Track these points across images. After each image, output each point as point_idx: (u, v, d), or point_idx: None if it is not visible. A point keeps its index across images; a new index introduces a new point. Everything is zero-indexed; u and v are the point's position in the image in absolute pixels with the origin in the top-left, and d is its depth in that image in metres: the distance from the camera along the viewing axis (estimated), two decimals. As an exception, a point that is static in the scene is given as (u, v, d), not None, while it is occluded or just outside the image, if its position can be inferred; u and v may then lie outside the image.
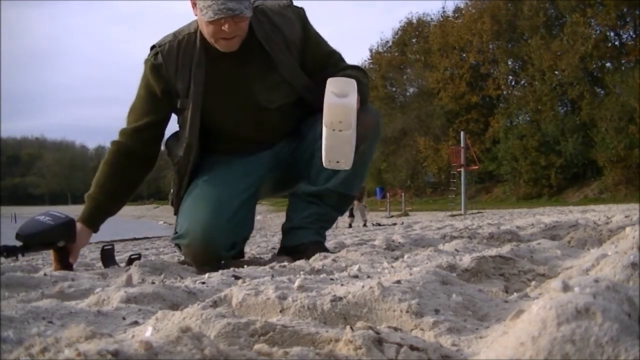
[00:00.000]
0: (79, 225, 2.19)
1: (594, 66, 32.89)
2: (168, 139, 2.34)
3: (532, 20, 33.64)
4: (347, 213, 14.67)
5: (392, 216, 21.46)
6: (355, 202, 14.31)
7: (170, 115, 2.28)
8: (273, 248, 3.39)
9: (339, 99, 1.82)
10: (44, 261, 3.71)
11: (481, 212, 19.11)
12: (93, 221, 2.25)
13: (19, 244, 2.12)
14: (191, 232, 2.08)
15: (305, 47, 2.21)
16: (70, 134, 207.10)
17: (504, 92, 37.04)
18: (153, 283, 1.39)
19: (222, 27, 2.01)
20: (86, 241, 2.27)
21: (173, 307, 1.07)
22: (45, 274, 1.71)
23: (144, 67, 2.22)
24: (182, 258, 2.27)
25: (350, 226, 13.38)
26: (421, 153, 37.73)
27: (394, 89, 44.09)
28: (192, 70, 2.15)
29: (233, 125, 2.25)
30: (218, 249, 2.08)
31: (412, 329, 0.80)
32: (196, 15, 2.08)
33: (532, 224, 3.85)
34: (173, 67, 2.15)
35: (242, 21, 2.02)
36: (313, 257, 1.93)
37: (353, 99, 1.84)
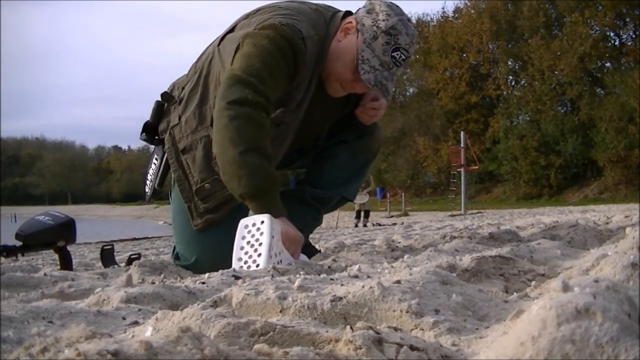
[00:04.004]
0: (282, 220, 1.72)
1: (594, 66, 32.93)
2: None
3: (531, 21, 33.68)
4: (354, 214, 14.82)
5: (392, 216, 21.45)
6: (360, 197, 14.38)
7: None
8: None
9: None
10: (44, 261, 3.71)
11: (481, 212, 19.11)
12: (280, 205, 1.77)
13: (19, 244, 2.12)
14: (199, 265, 1.96)
15: None
16: (70, 134, 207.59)
17: (504, 92, 37.05)
18: (153, 283, 1.39)
19: (356, 86, 1.97)
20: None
21: (173, 307, 1.07)
22: (45, 274, 1.71)
23: (280, 38, 1.82)
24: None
25: (356, 226, 13.52)
26: (421, 153, 37.73)
27: (393, 89, 44.07)
28: (307, 84, 1.94)
29: (278, 145, 2.03)
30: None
31: (412, 329, 0.80)
32: (348, 34, 1.93)
33: (532, 224, 3.84)
34: (303, 65, 1.89)
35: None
36: (313, 257, 1.94)
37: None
